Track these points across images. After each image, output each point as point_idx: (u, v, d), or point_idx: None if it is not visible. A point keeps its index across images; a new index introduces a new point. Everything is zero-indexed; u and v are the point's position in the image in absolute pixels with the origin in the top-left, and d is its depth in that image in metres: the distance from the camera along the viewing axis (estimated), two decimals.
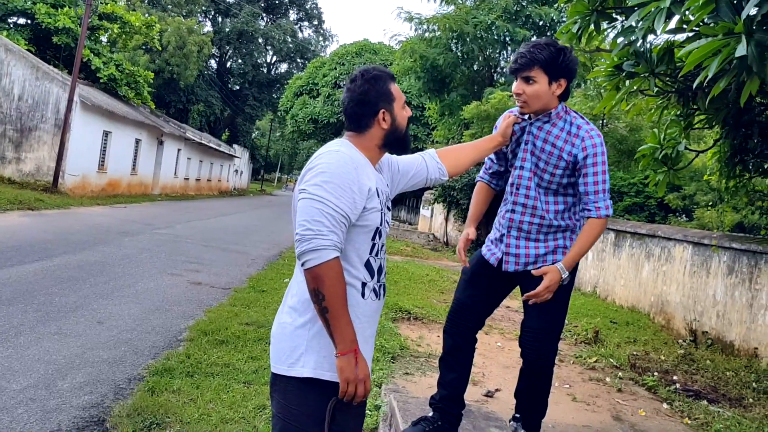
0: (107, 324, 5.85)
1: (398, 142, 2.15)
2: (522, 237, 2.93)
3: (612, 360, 5.88)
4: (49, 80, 20.22)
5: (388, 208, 2.15)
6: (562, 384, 4.89)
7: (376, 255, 2.08)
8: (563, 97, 2.85)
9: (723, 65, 2.69)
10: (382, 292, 2.12)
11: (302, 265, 1.91)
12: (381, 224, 2.07)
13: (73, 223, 13.65)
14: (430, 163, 2.48)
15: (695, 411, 4.62)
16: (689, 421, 4.41)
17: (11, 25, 24.31)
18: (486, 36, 19.73)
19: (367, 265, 2.05)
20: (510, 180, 3.01)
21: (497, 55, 21.42)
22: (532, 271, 2.85)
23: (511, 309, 8.24)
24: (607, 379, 5.23)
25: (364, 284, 2.04)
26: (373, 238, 2.06)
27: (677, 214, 14.82)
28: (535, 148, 2.88)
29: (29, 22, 24.25)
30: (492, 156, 3.14)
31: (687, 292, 7.68)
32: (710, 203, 12.44)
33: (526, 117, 2.90)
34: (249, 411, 4.01)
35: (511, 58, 2.84)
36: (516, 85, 2.82)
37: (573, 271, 2.86)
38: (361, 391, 1.92)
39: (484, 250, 3.08)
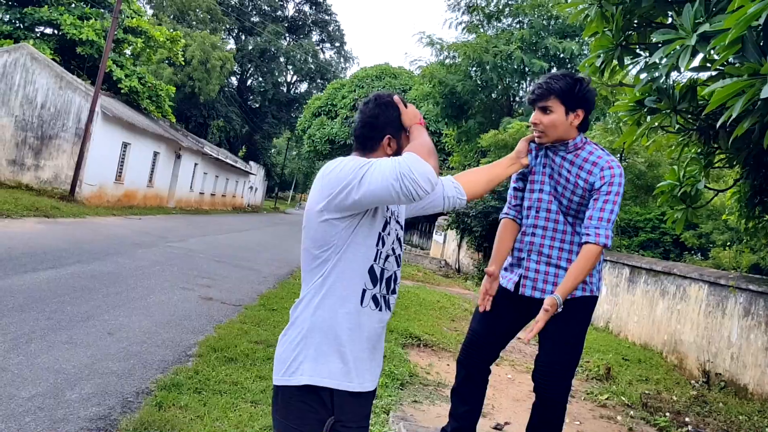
0: (117, 335, 5.86)
1: None
2: (542, 262, 2.88)
3: (623, 398, 5.79)
4: (72, 90, 20.52)
5: (397, 222, 2.14)
6: (573, 420, 4.83)
7: (379, 262, 2.05)
8: (582, 128, 2.83)
9: (747, 106, 2.68)
10: (383, 303, 2.07)
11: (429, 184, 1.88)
12: (384, 230, 2.06)
13: (87, 232, 13.74)
14: (447, 185, 2.45)
15: None
16: None
17: (38, 35, 24.80)
18: (505, 65, 19.86)
19: (371, 271, 2.02)
20: (527, 204, 2.97)
21: (516, 85, 21.53)
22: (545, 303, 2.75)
23: (521, 341, 8.15)
24: (619, 418, 5.15)
25: (363, 291, 2.01)
26: (377, 244, 2.04)
27: (693, 252, 14.71)
28: (554, 172, 2.87)
29: (55, 32, 24.72)
30: (511, 191, 3.12)
31: (701, 332, 7.58)
32: (727, 243, 12.34)
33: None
34: (255, 431, 3.98)
35: (529, 89, 2.84)
36: (534, 115, 2.81)
37: (591, 307, 2.82)
38: None
39: (500, 278, 3.04)
